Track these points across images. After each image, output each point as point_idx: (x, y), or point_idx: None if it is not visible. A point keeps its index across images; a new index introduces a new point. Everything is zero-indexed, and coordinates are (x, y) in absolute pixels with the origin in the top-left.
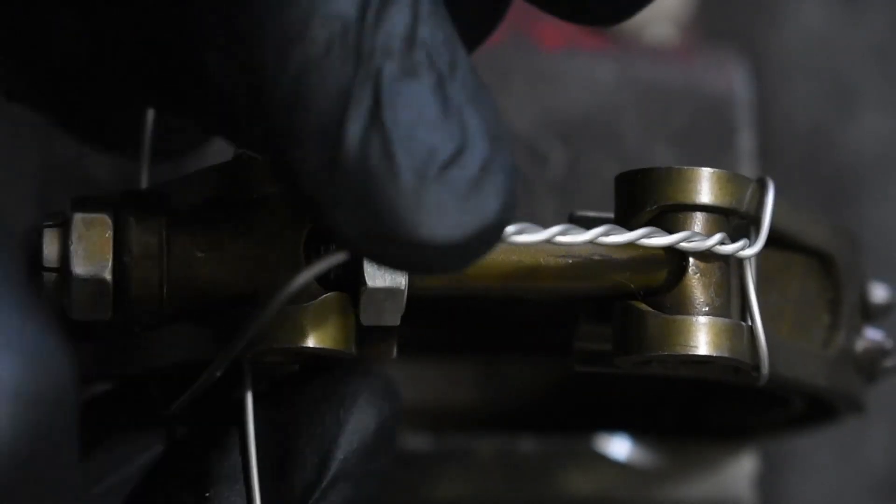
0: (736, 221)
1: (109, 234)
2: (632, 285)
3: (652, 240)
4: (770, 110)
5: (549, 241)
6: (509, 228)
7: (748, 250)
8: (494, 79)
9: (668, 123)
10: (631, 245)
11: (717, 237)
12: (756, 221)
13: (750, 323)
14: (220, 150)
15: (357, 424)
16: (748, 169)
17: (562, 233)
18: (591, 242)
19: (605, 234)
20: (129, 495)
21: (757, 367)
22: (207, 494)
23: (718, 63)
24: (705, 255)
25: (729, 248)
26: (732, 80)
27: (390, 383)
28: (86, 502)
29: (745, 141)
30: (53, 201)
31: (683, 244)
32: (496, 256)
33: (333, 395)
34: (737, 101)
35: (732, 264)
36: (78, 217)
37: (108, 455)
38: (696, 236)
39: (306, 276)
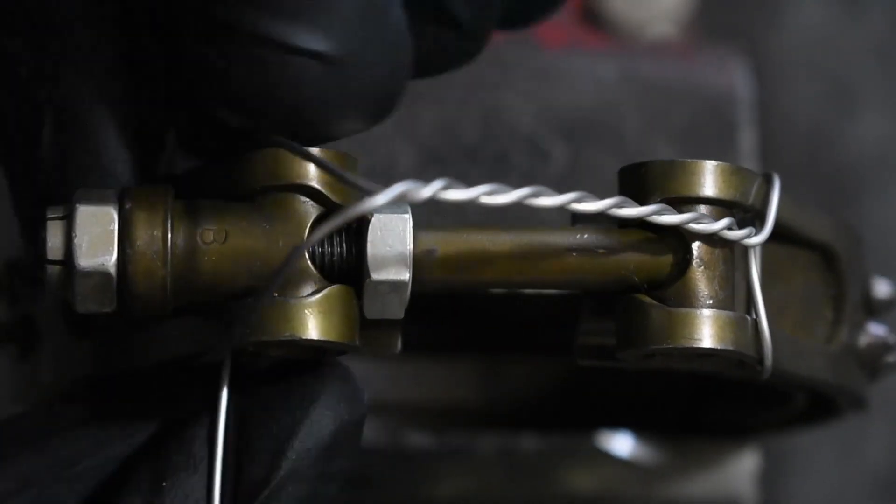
0: (740, 215)
1: (113, 226)
2: (636, 278)
3: (662, 217)
4: (770, 109)
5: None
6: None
7: (754, 238)
8: (496, 76)
9: (669, 122)
10: (636, 236)
11: (725, 221)
12: (761, 215)
13: (754, 316)
14: None
15: (312, 426)
16: (749, 167)
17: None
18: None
19: (618, 205)
20: (100, 485)
21: (760, 360)
22: (164, 484)
23: (719, 62)
24: (710, 248)
25: (735, 234)
26: (733, 78)
27: (355, 387)
28: (57, 483)
29: (746, 139)
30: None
31: (692, 225)
32: (501, 250)
33: (292, 394)
34: (737, 99)
35: (737, 257)
36: (82, 209)
37: (82, 443)
38: (704, 218)
39: (318, 235)
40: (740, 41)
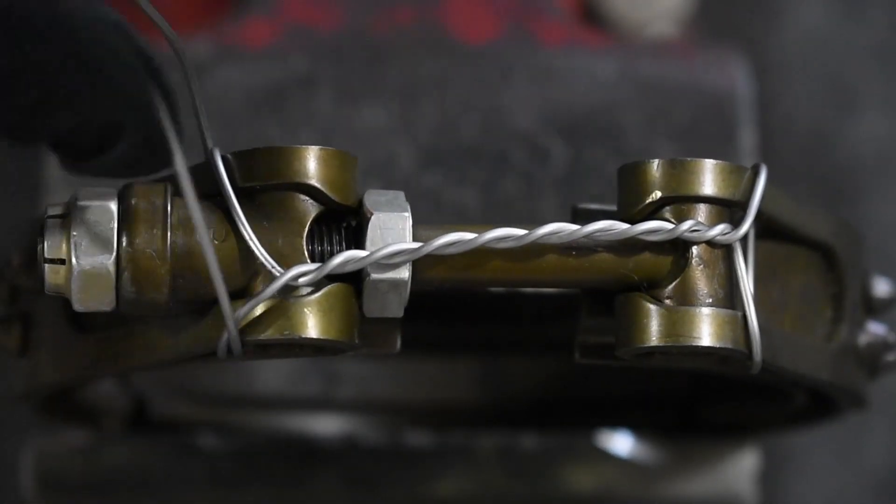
0: (739, 213)
1: (113, 225)
2: (635, 277)
3: (658, 235)
4: (770, 108)
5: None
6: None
7: (734, 234)
8: (496, 75)
9: (669, 120)
10: (634, 236)
11: (720, 228)
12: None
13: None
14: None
15: None
16: (748, 166)
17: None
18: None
19: (604, 230)
20: None
21: (750, 355)
22: None
23: (719, 61)
24: (709, 247)
25: (714, 231)
26: (733, 77)
27: None
28: None
29: (746, 138)
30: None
31: (688, 235)
32: (500, 248)
33: None
34: (737, 98)
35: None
36: (82, 207)
37: None
38: (699, 225)
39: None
40: (740, 41)
